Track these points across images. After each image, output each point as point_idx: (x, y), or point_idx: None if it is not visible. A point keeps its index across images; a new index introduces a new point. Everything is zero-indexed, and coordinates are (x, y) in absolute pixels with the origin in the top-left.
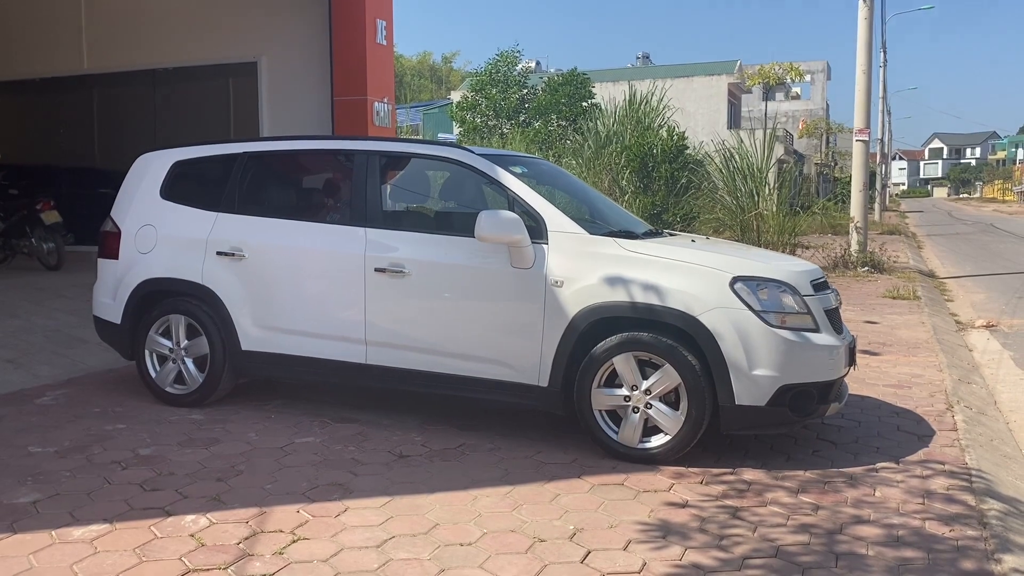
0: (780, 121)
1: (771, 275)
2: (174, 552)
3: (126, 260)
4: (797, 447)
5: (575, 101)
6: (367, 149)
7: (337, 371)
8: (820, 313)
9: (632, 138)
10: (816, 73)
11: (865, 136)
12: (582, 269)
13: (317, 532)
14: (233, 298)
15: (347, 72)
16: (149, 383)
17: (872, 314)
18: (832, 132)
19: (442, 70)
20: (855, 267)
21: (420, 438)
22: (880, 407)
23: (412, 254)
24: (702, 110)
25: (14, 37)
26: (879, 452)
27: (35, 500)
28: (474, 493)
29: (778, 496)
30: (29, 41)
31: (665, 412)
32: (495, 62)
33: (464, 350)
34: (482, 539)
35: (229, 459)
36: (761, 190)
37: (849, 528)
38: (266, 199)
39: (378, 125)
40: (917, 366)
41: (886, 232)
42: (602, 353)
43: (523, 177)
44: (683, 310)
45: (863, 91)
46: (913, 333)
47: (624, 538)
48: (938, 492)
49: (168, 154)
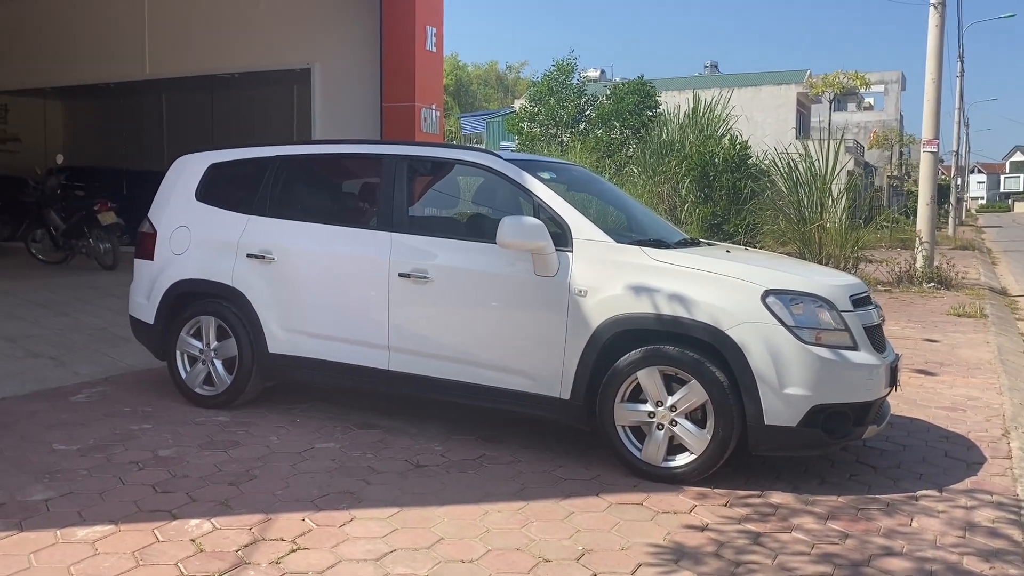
0: (852, 132)
1: (807, 289)
2: (172, 557)
3: (161, 261)
4: (833, 470)
5: (641, 110)
6: (395, 153)
7: (361, 376)
8: (859, 330)
9: (693, 147)
10: (890, 83)
11: (933, 147)
12: (607, 278)
13: (318, 542)
14: (261, 301)
15: (396, 78)
16: (179, 384)
17: (933, 332)
18: (905, 143)
19: (509, 79)
20: (920, 282)
21: (440, 448)
22: (929, 430)
23: (435, 260)
24: (770, 119)
25: (79, 44)
26: (922, 479)
27: (47, 498)
28: (486, 507)
29: (804, 522)
30: (94, 48)
31: (691, 430)
32: (552, 72)
33: (485, 359)
34: (485, 556)
35: (246, 463)
36: (825, 201)
37: (877, 560)
38: (296, 202)
39: (426, 131)
40: (975, 388)
41: (959, 247)
42: (626, 366)
43: (551, 183)
44: (711, 323)
45: (932, 100)
46: (975, 353)
47: (634, 561)
48: (982, 525)
49: (204, 156)
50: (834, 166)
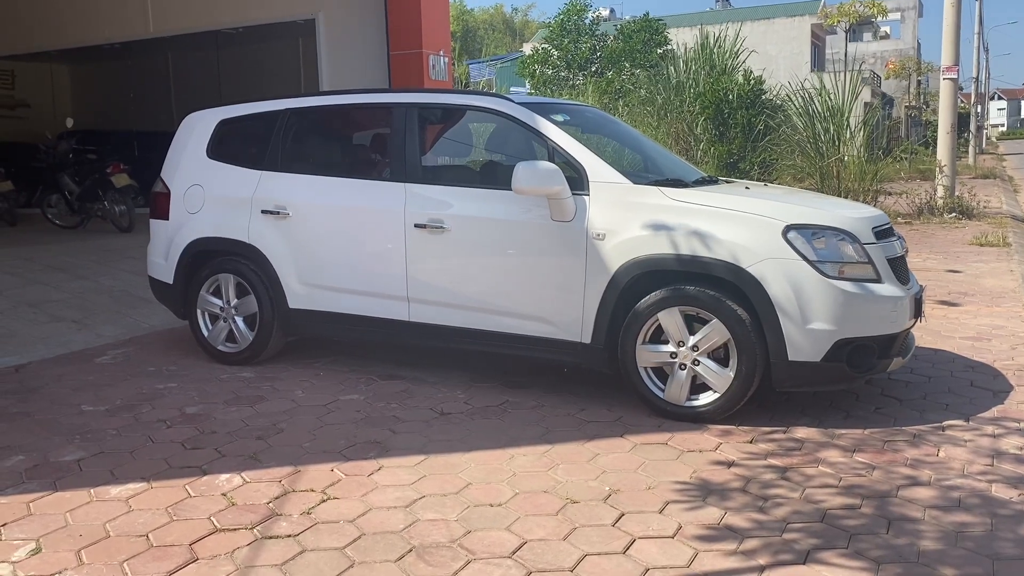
0: (868, 62)
1: (828, 222)
2: (204, 512)
3: (176, 220)
4: (858, 404)
5: (650, 48)
6: (404, 102)
7: (381, 328)
8: (883, 262)
9: (706, 84)
10: (907, 10)
11: (953, 74)
12: (625, 220)
13: (348, 491)
14: (279, 256)
15: (402, 25)
16: (202, 342)
17: (956, 262)
18: (922, 72)
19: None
20: (941, 213)
21: (464, 395)
22: (954, 361)
23: (451, 209)
24: (784, 53)
25: (82, 4)
26: (948, 409)
27: (79, 458)
28: (511, 452)
29: (830, 455)
30: (96, 7)
31: (713, 369)
32: (565, 11)
33: (504, 306)
34: (513, 500)
35: (272, 417)
36: (842, 134)
37: (904, 490)
38: (307, 156)
39: (434, 79)
40: (1000, 317)
41: (980, 176)
42: (646, 308)
43: (565, 125)
44: (731, 261)
45: (951, 26)
46: (999, 282)
47: (661, 500)
48: (1009, 452)
49: (213, 113)
50: (851, 98)
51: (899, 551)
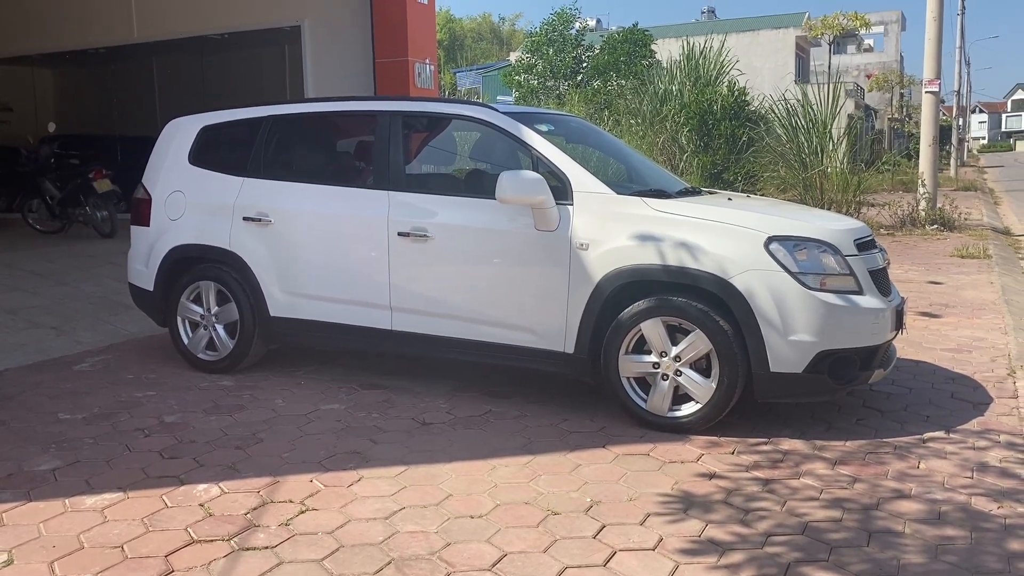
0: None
1: (810, 234)
2: (181, 522)
3: (157, 227)
4: (840, 416)
5: (635, 59)
6: (388, 110)
7: (363, 337)
8: (864, 274)
9: (690, 95)
10: (890, 24)
11: (935, 87)
12: (608, 231)
13: (327, 503)
14: (260, 264)
15: (388, 33)
16: (182, 349)
17: (937, 274)
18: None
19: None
20: (923, 225)
21: (446, 405)
22: (935, 373)
23: (435, 218)
24: (769, 65)
25: (66, 8)
26: (929, 421)
27: (55, 468)
28: (493, 463)
29: (814, 468)
30: (81, 12)
31: (696, 379)
32: (551, 21)
33: (488, 315)
34: (494, 511)
35: (252, 426)
36: (825, 146)
37: (888, 503)
38: (290, 163)
39: (420, 86)
40: (980, 329)
41: (962, 188)
42: (629, 318)
43: (549, 135)
44: (715, 273)
45: (933, 40)
46: (979, 294)
47: (642, 511)
48: (991, 465)
49: (196, 119)
50: (834, 110)
51: (881, 565)
